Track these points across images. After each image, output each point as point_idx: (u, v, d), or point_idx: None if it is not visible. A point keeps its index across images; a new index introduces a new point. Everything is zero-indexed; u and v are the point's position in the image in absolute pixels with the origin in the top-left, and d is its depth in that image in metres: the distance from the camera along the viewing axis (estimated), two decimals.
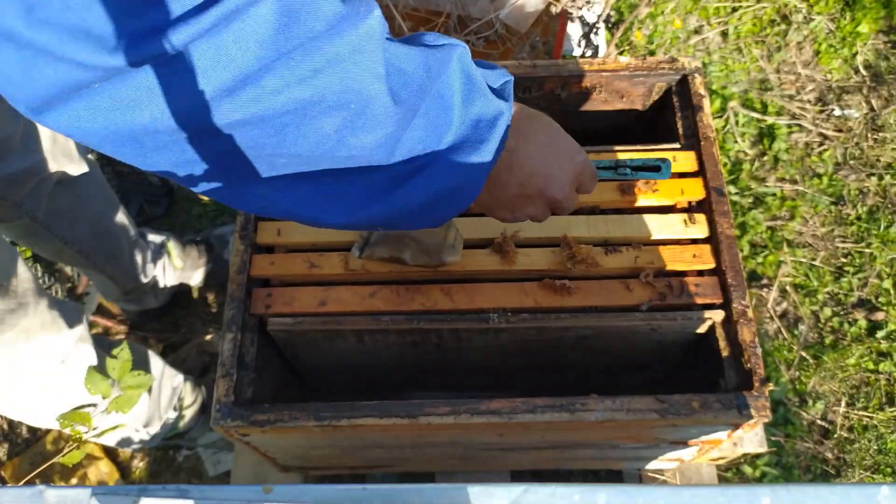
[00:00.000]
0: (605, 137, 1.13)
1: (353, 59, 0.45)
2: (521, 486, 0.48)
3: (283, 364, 1.03)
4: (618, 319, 0.88)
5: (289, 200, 0.53)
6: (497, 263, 0.90)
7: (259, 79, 0.42)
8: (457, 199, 0.58)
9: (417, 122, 0.52)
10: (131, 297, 1.47)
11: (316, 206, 0.54)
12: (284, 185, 0.51)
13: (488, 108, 0.56)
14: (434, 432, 0.86)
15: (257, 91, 0.43)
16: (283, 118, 0.45)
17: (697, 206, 0.95)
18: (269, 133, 0.46)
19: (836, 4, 1.99)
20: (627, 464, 1.26)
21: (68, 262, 1.30)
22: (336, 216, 0.55)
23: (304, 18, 0.42)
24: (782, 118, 1.84)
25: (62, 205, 1.17)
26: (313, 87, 0.44)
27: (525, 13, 1.27)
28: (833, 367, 1.55)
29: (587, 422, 0.78)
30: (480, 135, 0.56)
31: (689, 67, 1.00)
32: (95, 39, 0.38)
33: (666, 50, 1.94)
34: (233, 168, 0.49)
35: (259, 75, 0.42)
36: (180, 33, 0.39)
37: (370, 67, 0.46)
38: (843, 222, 1.72)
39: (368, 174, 0.52)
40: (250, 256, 0.90)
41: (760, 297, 1.64)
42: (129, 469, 1.48)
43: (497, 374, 1.11)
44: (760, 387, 0.80)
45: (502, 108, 0.58)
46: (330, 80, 0.45)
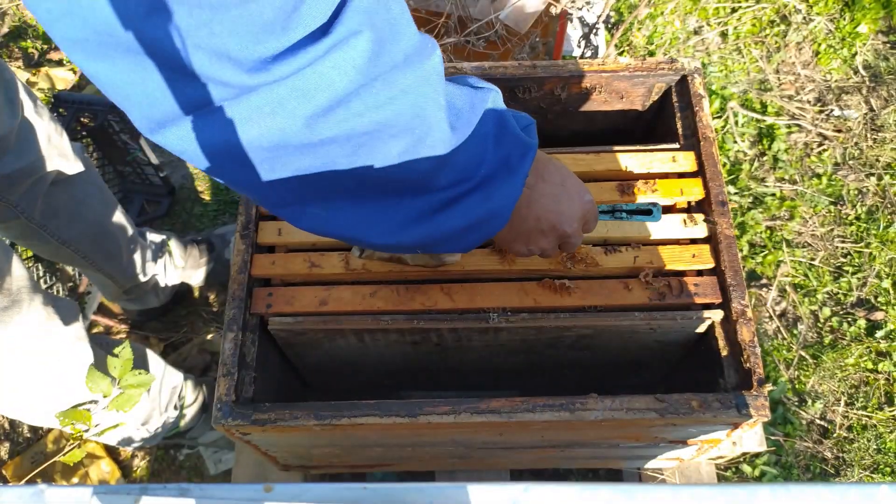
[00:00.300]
0: (604, 138, 1.14)
1: (421, 89, 0.51)
2: (521, 486, 0.48)
3: (284, 363, 1.03)
4: (617, 319, 0.88)
5: (341, 221, 0.59)
6: (497, 263, 0.90)
7: (348, 101, 0.48)
8: (489, 226, 0.64)
9: (460, 152, 0.58)
10: (132, 296, 1.48)
11: (364, 226, 0.59)
12: (340, 207, 0.57)
13: (517, 145, 0.63)
14: (434, 431, 0.86)
15: (346, 112, 0.48)
16: (361, 138, 0.51)
17: (697, 206, 0.96)
18: (346, 153, 0.51)
19: (836, 5, 2.00)
20: (627, 463, 1.26)
21: (66, 261, 1.30)
22: (381, 237, 0.60)
23: (389, 49, 0.49)
24: (782, 118, 1.84)
25: (58, 205, 1.17)
26: (389, 111, 0.50)
27: (525, 14, 1.27)
28: (832, 367, 1.56)
29: (587, 421, 0.79)
30: (511, 167, 0.63)
31: (688, 68, 1.00)
32: (235, 62, 0.43)
33: (665, 50, 1.94)
34: (302, 187, 0.54)
35: (348, 98, 0.48)
36: (299, 59, 0.44)
37: (434, 98, 0.53)
38: (843, 222, 1.73)
39: (416, 198, 0.59)
40: (251, 256, 0.91)
41: (760, 297, 1.64)
42: (130, 468, 1.49)
43: (497, 373, 1.12)
44: (759, 386, 0.80)
45: (532, 145, 0.65)
46: (402, 107, 0.51)
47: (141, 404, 1.19)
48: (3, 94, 0.97)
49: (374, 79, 0.48)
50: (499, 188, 0.62)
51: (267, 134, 0.48)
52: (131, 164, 1.66)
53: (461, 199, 0.60)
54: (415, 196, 0.59)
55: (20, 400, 1.00)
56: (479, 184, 0.61)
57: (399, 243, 0.61)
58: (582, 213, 0.74)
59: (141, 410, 1.20)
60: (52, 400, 1.01)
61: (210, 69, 0.43)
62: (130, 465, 1.49)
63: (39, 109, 1.08)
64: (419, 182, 0.57)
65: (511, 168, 0.63)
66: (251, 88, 0.45)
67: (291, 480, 1.23)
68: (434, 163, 0.56)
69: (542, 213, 0.71)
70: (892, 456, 1.48)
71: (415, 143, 0.54)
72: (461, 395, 1.22)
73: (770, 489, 0.48)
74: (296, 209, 0.58)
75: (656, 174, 0.96)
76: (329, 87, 0.46)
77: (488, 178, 0.61)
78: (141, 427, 1.22)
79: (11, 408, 1.02)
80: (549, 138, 1.13)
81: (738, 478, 1.44)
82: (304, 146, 0.50)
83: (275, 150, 0.50)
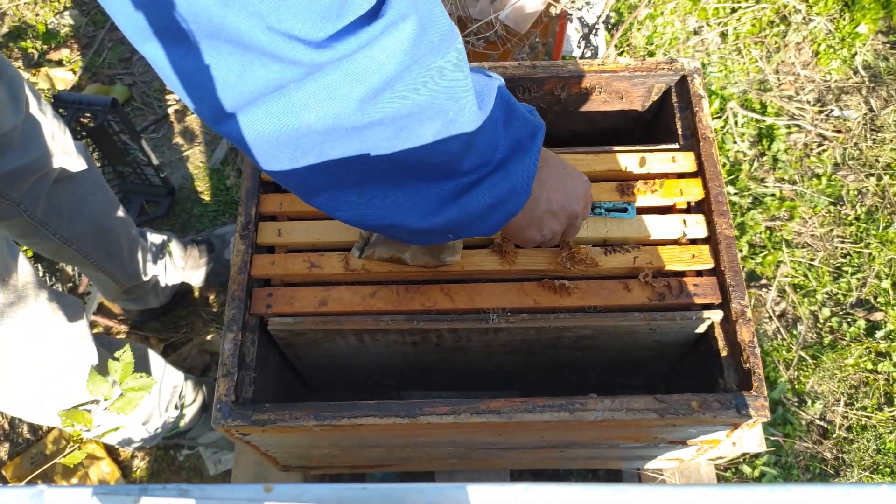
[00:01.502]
0: (604, 138, 1.14)
1: (451, 71, 0.54)
2: (521, 486, 0.48)
3: (284, 364, 1.03)
4: (617, 319, 0.88)
5: (375, 207, 0.61)
6: (497, 263, 0.90)
7: (393, 84, 0.50)
8: (512, 202, 0.66)
9: (481, 134, 0.60)
10: (132, 296, 1.48)
11: (398, 211, 0.62)
12: (374, 193, 0.60)
13: (527, 125, 0.67)
14: (434, 432, 0.86)
15: (391, 95, 0.51)
16: (403, 121, 0.53)
17: (696, 207, 0.96)
18: (389, 135, 0.54)
19: (836, 5, 2.00)
20: (627, 463, 1.26)
21: (67, 260, 1.30)
22: (415, 221, 0.63)
23: (430, 32, 0.51)
24: (781, 119, 1.85)
25: (60, 203, 1.17)
26: (427, 93, 0.52)
27: (525, 14, 1.27)
28: (832, 367, 1.56)
29: (586, 421, 0.79)
30: (524, 147, 0.66)
31: (688, 68, 1.01)
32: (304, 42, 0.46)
33: (665, 51, 1.94)
34: (342, 172, 0.57)
35: (393, 81, 0.50)
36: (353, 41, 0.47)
37: (463, 80, 0.56)
38: (842, 223, 1.73)
39: (444, 183, 0.61)
40: (251, 256, 0.91)
41: (759, 298, 1.64)
42: (130, 468, 1.49)
43: (497, 374, 1.12)
44: (759, 387, 0.80)
45: (540, 125, 0.69)
46: (438, 88, 0.53)
47: (141, 404, 1.19)
48: (6, 91, 0.97)
49: (416, 62, 0.50)
50: (517, 165, 0.65)
51: (323, 118, 0.50)
52: (131, 165, 1.66)
53: (484, 179, 0.63)
54: (443, 180, 0.61)
55: (22, 397, 1.00)
56: (497, 166, 0.64)
57: (433, 226, 0.64)
58: (584, 192, 0.78)
59: (141, 410, 1.20)
60: (55, 398, 1.00)
61: (283, 49, 0.46)
62: (130, 466, 1.49)
63: (43, 107, 1.08)
64: (448, 165, 0.60)
65: (524, 148, 0.66)
66: (319, 66, 0.47)
67: (291, 481, 1.23)
68: (462, 144, 0.58)
69: (551, 195, 0.74)
70: (891, 456, 1.48)
71: (448, 123, 0.56)
72: (461, 395, 1.22)
73: (770, 489, 0.48)
74: (333, 195, 0.60)
75: (656, 174, 0.96)
76: (379, 70, 0.49)
77: (505, 159, 0.64)
78: (141, 427, 1.22)
79: (13, 405, 1.02)
80: (549, 138, 1.13)
81: (738, 478, 1.44)
82: (354, 129, 0.52)
83: (327, 134, 0.52)
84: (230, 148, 1.84)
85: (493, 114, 0.62)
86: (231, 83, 0.48)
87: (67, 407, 1.00)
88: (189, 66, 0.48)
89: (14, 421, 1.53)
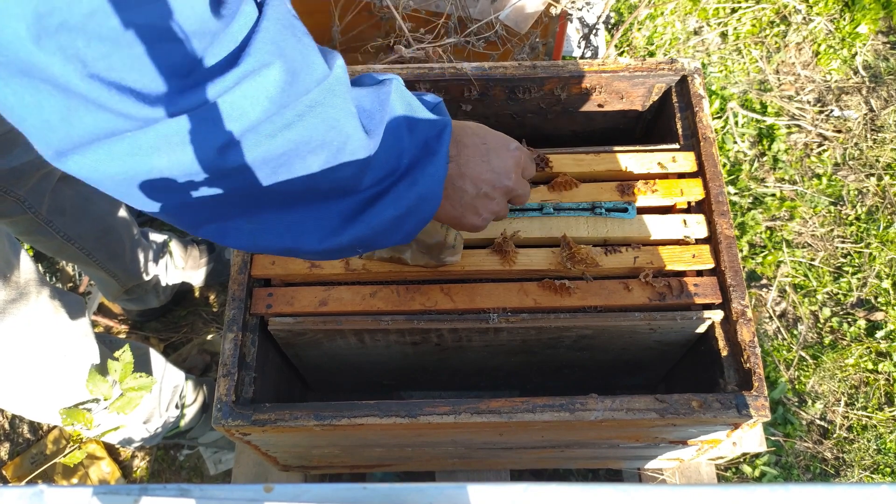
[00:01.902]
0: (604, 138, 1.14)
1: (329, 101, 0.52)
2: (521, 486, 0.48)
3: (284, 363, 1.03)
4: (617, 319, 0.88)
5: (270, 233, 0.58)
6: (497, 263, 0.90)
7: (258, 128, 0.48)
8: (422, 210, 0.65)
9: (380, 149, 0.59)
10: (133, 295, 1.48)
11: (295, 235, 0.59)
12: (266, 219, 0.57)
13: (431, 125, 0.64)
14: (434, 432, 0.86)
15: (256, 136, 0.48)
16: (278, 160, 0.51)
17: (697, 207, 0.96)
18: (265, 174, 0.51)
19: (836, 5, 2.00)
20: (627, 463, 1.26)
21: (70, 259, 1.30)
22: (315, 243, 0.60)
23: (303, 76, 0.49)
24: (781, 119, 1.85)
25: (65, 201, 1.17)
26: (301, 129, 0.50)
27: (525, 14, 1.27)
28: (832, 367, 1.56)
29: (587, 421, 0.79)
30: (431, 149, 0.64)
31: (688, 68, 1.00)
32: (138, 95, 0.43)
33: (665, 51, 1.94)
34: (225, 207, 0.54)
35: (259, 125, 0.48)
36: (206, 91, 0.45)
37: (344, 107, 0.54)
38: (843, 223, 1.73)
39: (343, 200, 0.59)
40: (251, 256, 0.91)
41: (760, 297, 1.64)
42: (130, 468, 1.49)
43: (497, 373, 1.12)
44: (760, 386, 0.80)
45: (445, 122, 0.66)
46: (313, 122, 0.51)
47: (142, 403, 1.19)
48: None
49: (284, 106, 0.49)
50: (423, 171, 0.63)
51: (178, 164, 0.47)
52: None
53: (389, 190, 0.61)
54: (342, 198, 0.59)
55: (23, 395, 1.00)
56: (403, 174, 0.62)
57: (336, 246, 0.61)
58: (514, 163, 0.74)
59: (142, 409, 1.20)
60: (56, 396, 1.00)
61: (110, 100, 0.42)
62: (130, 466, 1.49)
63: None
64: (345, 187, 0.58)
65: (431, 150, 0.63)
66: (155, 121, 0.44)
67: (291, 481, 1.23)
68: (356, 167, 0.57)
69: (477, 179, 0.71)
70: (892, 456, 1.48)
71: (335, 153, 0.54)
72: (461, 395, 1.22)
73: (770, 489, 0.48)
74: (220, 226, 0.56)
75: (656, 174, 0.96)
76: (241, 117, 0.47)
77: (411, 165, 0.62)
78: (141, 426, 1.22)
79: (14, 402, 1.02)
80: (549, 138, 1.13)
81: (738, 478, 1.44)
82: (219, 173, 0.49)
83: (187, 178, 0.49)
84: None
85: (395, 120, 0.60)
86: (55, 125, 0.43)
87: (68, 405, 1.00)
88: (8, 101, 0.43)
89: (14, 421, 1.53)
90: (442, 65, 1.01)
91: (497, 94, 1.04)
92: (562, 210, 0.93)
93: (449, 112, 1.06)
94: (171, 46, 0.42)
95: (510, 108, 1.07)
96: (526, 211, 0.93)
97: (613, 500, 0.47)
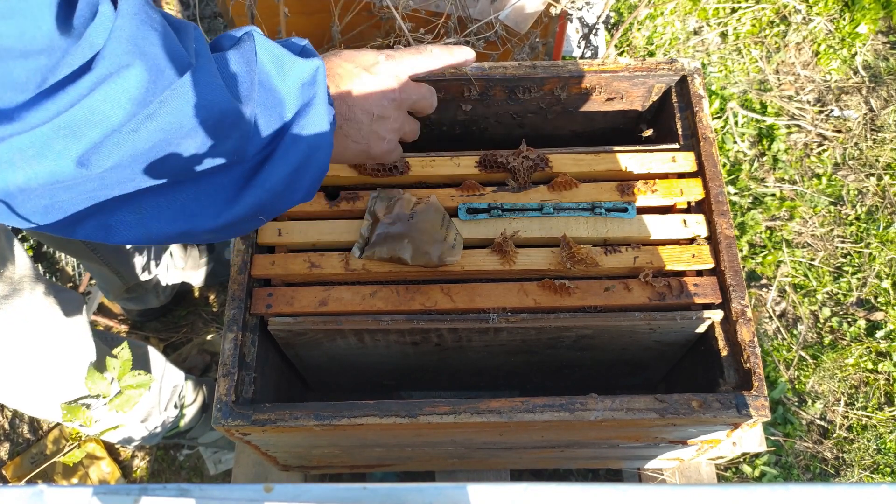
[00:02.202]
0: (605, 138, 1.14)
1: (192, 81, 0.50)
2: (521, 486, 0.48)
3: (284, 363, 1.03)
4: (617, 319, 0.88)
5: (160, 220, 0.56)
6: (497, 263, 0.90)
7: (121, 128, 0.47)
8: (316, 159, 0.62)
9: (258, 112, 0.56)
10: (133, 294, 1.48)
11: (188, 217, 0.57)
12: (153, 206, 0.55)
13: (302, 70, 0.60)
14: (434, 432, 0.86)
15: (118, 136, 0.47)
16: (149, 153, 0.49)
17: (696, 207, 0.96)
18: (139, 169, 0.50)
19: (836, 5, 2.00)
20: (627, 463, 1.26)
21: (75, 254, 1.30)
22: (210, 220, 0.58)
23: (167, 73, 0.48)
24: (781, 119, 1.85)
25: None
26: (165, 115, 0.48)
27: (525, 14, 1.27)
28: (832, 367, 1.56)
29: (587, 421, 0.79)
30: (308, 94, 0.61)
31: (688, 68, 1.00)
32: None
33: (665, 51, 1.94)
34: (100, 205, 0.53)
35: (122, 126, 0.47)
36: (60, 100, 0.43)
37: (211, 83, 0.51)
38: (842, 222, 1.73)
39: (230, 171, 0.56)
40: (251, 256, 0.91)
41: (759, 297, 1.64)
42: (130, 468, 1.49)
43: (497, 373, 1.12)
44: (760, 386, 0.80)
45: (315, 63, 0.62)
46: (179, 107, 0.49)
47: (141, 402, 1.19)
48: None
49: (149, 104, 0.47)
50: (306, 120, 0.60)
51: (35, 177, 0.46)
52: None
53: (275, 150, 0.59)
54: (228, 170, 0.57)
55: (21, 390, 1.00)
56: (287, 128, 0.60)
57: (235, 218, 0.59)
58: (397, 84, 0.72)
59: (141, 408, 1.20)
60: (54, 391, 1.00)
61: None
62: (130, 465, 1.49)
63: None
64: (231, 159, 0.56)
65: (308, 96, 0.61)
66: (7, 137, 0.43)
67: (291, 481, 1.23)
68: (238, 138, 0.55)
69: (365, 104, 0.69)
70: (892, 456, 1.48)
71: (211, 131, 0.52)
72: (461, 395, 1.22)
73: (770, 489, 0.48)
74: (101, 221, 0.54)
75: (656, 174, 0.96)
76: (102, 121, 0.45)
77: (294, 118, 0.60)
78: (140, 425, 1.22)
79: (13, 398, 1.01)
80: (549, 138, 1.13)
81: (738, 478, 1.44)
82: (83, 178, 0.48)
83: (51, 188, 0.47)
84: None
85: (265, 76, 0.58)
86: None
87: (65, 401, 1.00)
88: None
89: (14, 421, 1.53)
90: None
91: (497, 94, 1.04)
92: (562, 210, 0.93)
93: (449, 112, 1.07)
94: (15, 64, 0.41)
95: (510, 108, 1.07)
96: (526, 211, 0.93)
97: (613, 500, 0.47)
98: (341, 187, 0.97)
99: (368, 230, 0.91)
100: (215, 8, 2.01)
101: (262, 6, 1.22)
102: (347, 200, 0.94)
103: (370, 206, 0.93)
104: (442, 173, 0.96)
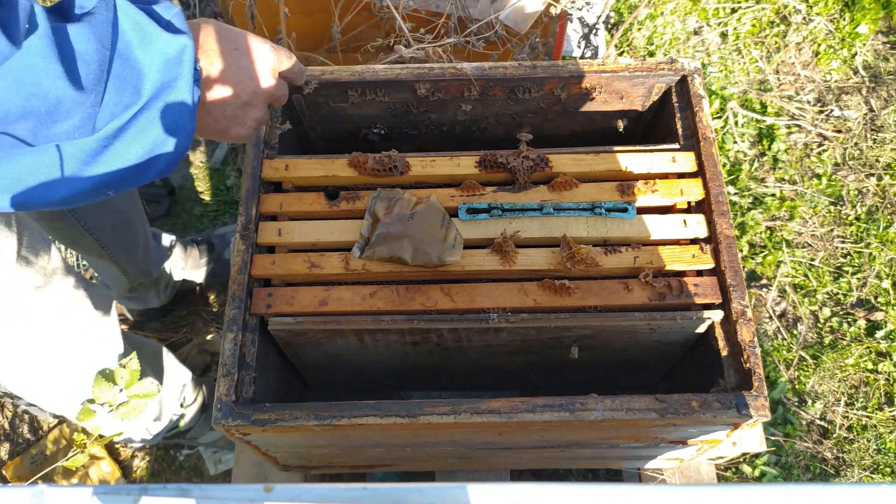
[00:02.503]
0: (604, 138, 1.14)
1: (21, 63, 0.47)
2: (521, 486, 0.48)
3: (284, 363, 1.03)
4: (617, 319, 0.88)
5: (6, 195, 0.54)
6: (497, 263, 0.90)
7: None
8: (176, 137, 0.60)
9: (111, 87, 0.54)
10: (136, 293, 1.48)
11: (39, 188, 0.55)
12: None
13: (168, 45, 0.58)
14: (434, 432, 0.86)
15: None
16: None
17: (697, 207, 0.96)
18: None
19: (836, 5, 2.00)
20: (627, 463, 1.26)
21: (84, 251, 1.30)
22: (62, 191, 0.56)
23: None
24: (781, 119, 1.85)
25: None
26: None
27: (525, 14, 1.27)
28: (832, 367, 1.56)
29: (587, 421, 0.79)
30: (172, 73, 0.58)
31: (688, 68, 1.01)
32: None
33: (665, 51, 1.94)
34: None
35: None
36: None
37: (44, 69, 0.49)
38: (842, 223, 1.73)
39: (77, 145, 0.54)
40: (251, 256, 0.91)
41: (759, 297, 1.64)
42: (130, 468, 1.49)
43: (497, 373, 1.12)
44: (760, 386, 0.80)
45: (182, 42, 0.59)
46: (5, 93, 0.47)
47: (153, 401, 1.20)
48: None
49: None
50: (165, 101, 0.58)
51: None
52: None
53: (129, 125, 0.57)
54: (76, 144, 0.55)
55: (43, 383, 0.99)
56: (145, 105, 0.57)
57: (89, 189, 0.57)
58: (270, 65, 0.70)
59: (151, 408, 1.21)
60: (78, 385, 1.00)
61: None
62: (130, 466, 1.49)
63: None
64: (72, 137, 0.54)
65: (171, 75, 0.58)
66: None
67: (291, 481, 1.23)
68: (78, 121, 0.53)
69: (236, 87, 0.67)
70: (892, 456, 1.48)
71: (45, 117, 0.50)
72: (461, 395, 1.22)
73: (770, 489, 0.48)
74: None
75: (656, 174, 0.96)
76: None
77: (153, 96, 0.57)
78: (148, 424, 1.22)
79: (33, 391, 1.01)
80: (549, 138, 1.13)
81: (738, 478, 1.44)
82: None
83: None
84: (230, 148, 1.84)
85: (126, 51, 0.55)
86: None
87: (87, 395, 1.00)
88: None
89: (14, 421, 1.53)
90: (442, 65, 1.01)
91: (497, 94, 1.04)
92: (562, 210, 0.93)
93: (449, 112, 1.07)
94: None
95: (510, 108, 1.07)
96: (526, 211, 0.93)
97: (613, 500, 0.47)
98: (341, 187, 0.97)
99: (368, 230, 0.91)
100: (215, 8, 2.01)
101: (262, 6, 1.22)
102: (347, 200, 0.94)
103: (370, 206, 0.93)
104: (442, 173, 0.96)
